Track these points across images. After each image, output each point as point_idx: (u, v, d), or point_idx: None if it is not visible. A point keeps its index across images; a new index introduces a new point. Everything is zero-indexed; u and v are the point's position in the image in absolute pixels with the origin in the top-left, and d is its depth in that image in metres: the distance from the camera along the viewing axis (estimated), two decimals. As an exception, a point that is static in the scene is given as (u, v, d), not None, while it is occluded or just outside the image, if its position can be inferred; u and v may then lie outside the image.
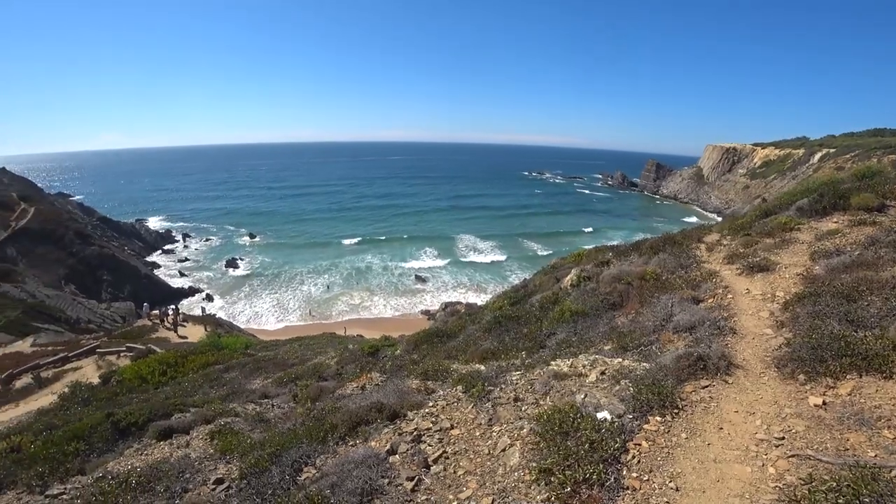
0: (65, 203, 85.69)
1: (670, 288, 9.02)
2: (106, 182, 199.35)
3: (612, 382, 5.52)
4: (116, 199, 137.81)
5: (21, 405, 16.16)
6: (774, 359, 5.52)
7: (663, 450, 4.22)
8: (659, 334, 7.29)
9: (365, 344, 16.35)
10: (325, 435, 5.93)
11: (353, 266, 68.40)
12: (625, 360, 6.29)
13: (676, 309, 7.80)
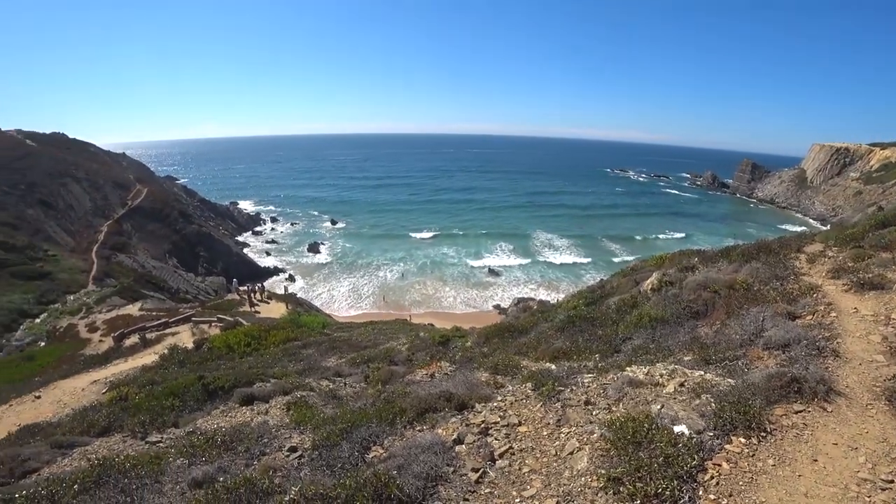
0: (171, 185, 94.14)
1: (762, 300, 8.38)
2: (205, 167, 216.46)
3: (692, 395, 5.24)
4: (214, 183, 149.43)
5: (129, 361, 18.10)
6: (886, 390, 4.95)
7: (746, 474, 3.94)
8: (747, 349, 6.81)
9: (436, 333, 16.64)
10: (394, 418, 6.12)
11: (428, 256, 69.64)
12: (707, 374, 5.94)
13: (768, 324, 7.23)
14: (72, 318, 32.32)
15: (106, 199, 68.11)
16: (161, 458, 6.09)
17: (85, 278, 43.03)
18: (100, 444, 7.88)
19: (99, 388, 13.72)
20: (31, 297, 37.28)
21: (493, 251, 72.45)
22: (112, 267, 47.01)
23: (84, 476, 5.46)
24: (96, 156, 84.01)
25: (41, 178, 61.54)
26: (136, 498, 4.93)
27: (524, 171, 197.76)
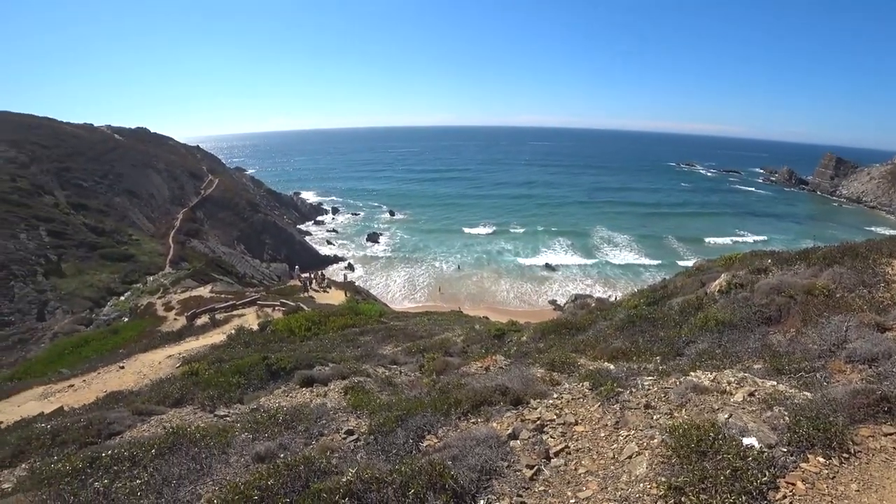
0: (240, 176, 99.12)
1: (846, 308, 7.74)
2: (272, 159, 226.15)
3: (763, 407, 4.92)
4: (279, 174, 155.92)
5: (200, 339, 19.32)
6: None
7: (825, 497, 3.62)
8: (826, 361, 6.32)
9: (491, 326, 16.60)
10: (449, 409, 6.15)
11: (485, 250, 69.59)
12: (780, 385, 5.56)
13: (853, 334, 6.67)
14: (151, 297, 34.88)
15: (182, 188, 72.76)
16: (228, 431, 6.44)
17: (163, 261, 46.28)
18: (173, 414, 8.47)
19: (173, 362, 14.76)
20: (117, 277, 40.58)
21: (550, 247, 71.32)
22: (186, 251, 50.24)
23: (160, 442, 5.88)
24: (174, 148, 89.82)
25: (127, 169, 66.56)
26: (205, 466, 5.25)
27: (586, 165, 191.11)
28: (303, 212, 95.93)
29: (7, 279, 34.44)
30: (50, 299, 35.27)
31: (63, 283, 37.62)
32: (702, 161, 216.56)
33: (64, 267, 39.77)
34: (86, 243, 44.27)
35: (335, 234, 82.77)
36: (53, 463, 5.80)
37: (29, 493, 5.00)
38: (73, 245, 43.15)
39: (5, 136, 59.21)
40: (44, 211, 45.92)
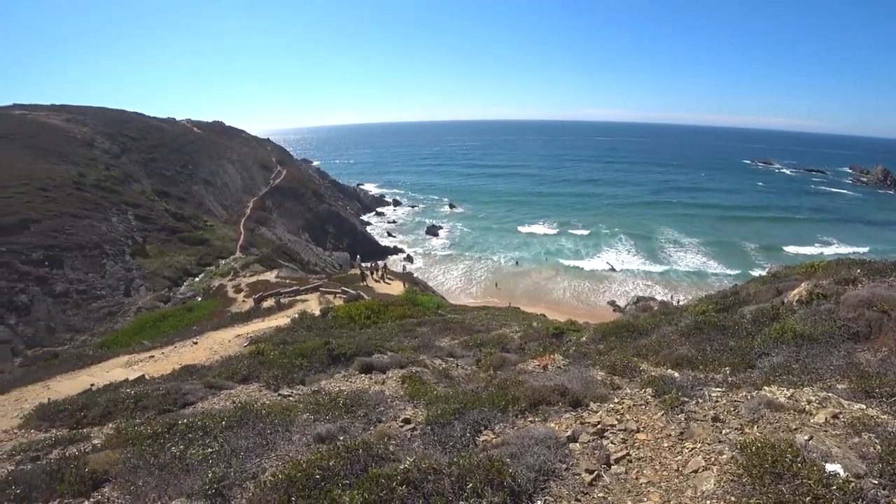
0: (307, 167, 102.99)
1: (952, 329, 6.97)
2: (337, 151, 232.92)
3: (849, 432, 4.52)
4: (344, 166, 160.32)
5: (266, 321, 20.29)
6: None
7: (919, 540, 3.27)
8: (926, 386, 5.72)
9: (549, 324, 16.35)
10: (507, 405, 6.12)
11: (544, 247, 68.58)
12: (869, 409, 5.10)
13: (960, 358, 6.00)
14: (222, 279, 37.05)
15: (253, 178, 76.62)
16: (291, 410, 6.73)
17: (234, 246, 49.01)
18: (241, 390, 8.96)
19: (241, 341, 15.60)
20: (193, 259, 43.42)
21: (612, 246, 69.05)
22: (255, 238, 52.92)
23: (229, 415, 6.24)
24: (247, 141, 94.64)
25: (204, 160, 70.98)
26: (270, 441, 5.51)
27: (652, 162, 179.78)
28: (365, 203, 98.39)
29: (100, 257, 37.66)
30: (135, 277, 38.26)
31: (147, 263, 40.71)
32: (780, 158, 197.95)
33: (148, 248, 43.02)
34: (167, 227, 47.71)
35: (395, 226, 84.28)
36: (137, 426, 6.30)
37: (116, 451, 5.45)
38: (156, 229, 46.61)
39: (102, 129, 64.67)
40: (132, 197, 49.92)
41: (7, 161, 46.53)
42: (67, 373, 13.46)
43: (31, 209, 38.10)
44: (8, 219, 35.57)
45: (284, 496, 3.86)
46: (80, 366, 14.44)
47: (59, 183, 44.85)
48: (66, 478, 4.90)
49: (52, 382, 12.18)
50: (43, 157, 51.12)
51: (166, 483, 4.60)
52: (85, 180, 47.70)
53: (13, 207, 37.22)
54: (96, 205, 44.09)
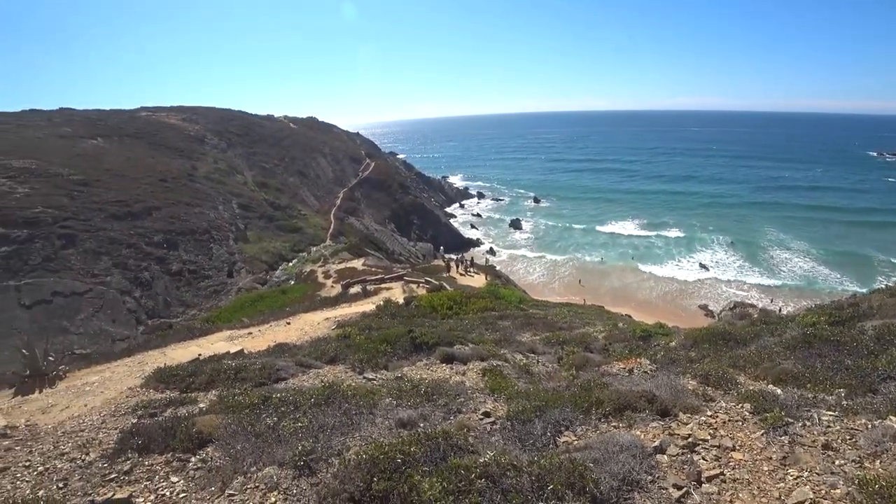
0: (393, 160, 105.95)
1: None
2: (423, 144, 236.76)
3: None
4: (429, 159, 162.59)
5: (352, 306, 21.17)
6: None
7: None
8: None
9: (636, 326, 15.57)
10: (590, 407, 5.87)
11: (632, 245, 65.35)
12: None
13: None
14: (313, 265, 39.25)
15: (343, 170, 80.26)
16: (374, 393, 6.92)
17: (324, 234, 51.73)
18: (328, 370, 9.39)
19: (329, 324, 16.40)
20: (287, 246, 46.44)
21: (708, 248, 63.48)
22: (344, 227, 55.43)
23: (317, 393, 6.54)
24: (338, 135, 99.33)
25: (299, 153, 75.49)
26: (354, 422, 5.70)
27: (759, 156, 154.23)
28: (449, 195, 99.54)
29: (208, 242, 41.38)
30: (237, 260, 41.62)
31: (247, 248, 44.15)
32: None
33: (248, 234, 46.63)
34: (265, 216, 51.47)
35: (479, 219, 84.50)
36: (236, 395, 6.81)
37: (218, 416, 5.93)
38: (256, 216, 50.44)
39: (212, 127, 71.17)
40: (236, 188, 54.44)
41: (136, 157, 52.54)
42: (180, 342, 14.91)
43: (154, 198, 42.77)
44: (136, 206, 40.21)
45: (367, 476, 3.95)
46: (189, 337, 15.95)
47: (175, 175, 50.03)
48: (177, 434, 5.41)
49: (168, 350, 13.54)
50: (163, 152, 57.10)
51: (261, 450, 4.90)
52: (197, 173, 52.84)
53: (140, 197, 41.97)
54: (206, 195, 48.56)
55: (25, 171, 39.84)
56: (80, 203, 37.64)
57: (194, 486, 4.52)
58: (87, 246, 33.76)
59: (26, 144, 46.76)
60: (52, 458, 5.51)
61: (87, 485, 4.71)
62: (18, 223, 32.61)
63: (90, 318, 29.43)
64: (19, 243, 31.32)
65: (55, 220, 34.29)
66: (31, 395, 9.47)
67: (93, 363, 12.13)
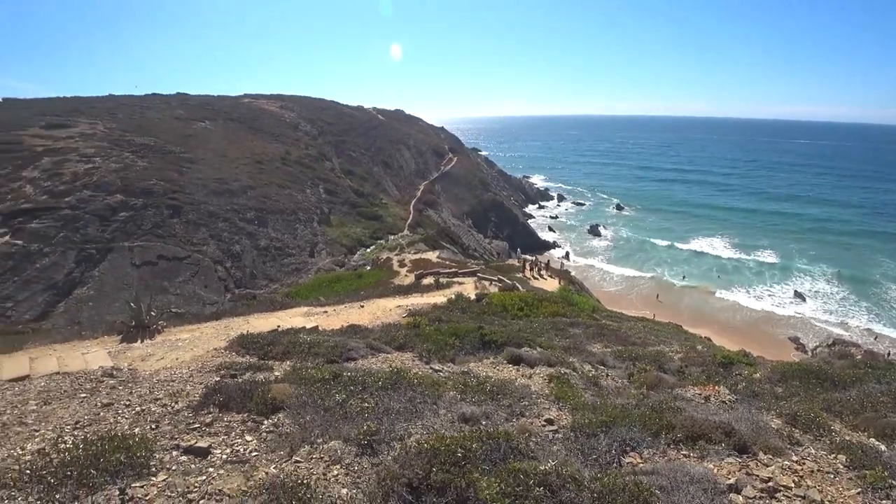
0: (476, 156, 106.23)
1: None
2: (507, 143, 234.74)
3: None
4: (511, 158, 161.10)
5: (424, 297, 21.49)
6: None
7: None
8: None
9: (717, 350, 14.51)
10: (660, 431, 5.52)
11: (719, 264, 60.94)
12: None
13: None
14: (389, 253, 40.30)
15: (426, 163, 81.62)
16: (440, 385, 6.95)
17: (402, 224, 52.97)
18: (396, 356, 9.58)
19: (401, 311, 16.74)
20: (367, 232, 48.07)
21: (806, 275, 57.39)
22: (422, 218, 56.41)
23: (385, 377, 6.67)
24: (423, 129, 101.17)
25: (384, 144, 77.82)
26: (418, 410, 5.74)
27: (883, 177, 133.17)
28: (529, 195, 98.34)
29: (294, 222, 43.79)
30: (319, 242, 43.70)
31: (329, 231, 46.24)
32: None
33: (332, 218, 48.81)
34: (349, 202, 53.62)
35: (557, 221, 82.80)
36: (309, 368, 7.12)
37: (291, 385, 6.22)
38: (340, 202, 52.67)
39: (305, 115, 75.28)
40: (324, 173, 57.15)
41: (238, 139, 56.83)
42: (262, 313, 15.89)
43: (250, 178, 46.03)
44: (234, 184, 43.47)
45: (427, 465, 3.96)
46: (270, 308, 16.95)
47: (270, 158, 53.50)
48: (254, 398, 5.73)
49: (251, 318, 14.49)
50: (261, 137, 61.26)
51: (328, 424, 5.07)
52: (289, 157, 56.07)
53: (239, 176, 45.35)
54: (296, 178, 51.41)
55: (145, 147, 44.46)
56: (186, 178, 41.33)
57: (265, 447, 4.77)
58: (190, 217, 36.96)
59: (148, 124, 52.14)
60: (148, 402, 6.07)
61: (174, 430, 5.11)
62: (136, 192, 36.44)
63: (187, 281, 32.21)
64: (136, 210, 34.97)
65: (165, 192, 37.89)
66: (134, 344, 10.53)
67: (185, 322, 13.25)
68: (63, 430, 5.18)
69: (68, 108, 54.40)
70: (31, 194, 33.97)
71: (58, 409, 5.89)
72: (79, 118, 48.25)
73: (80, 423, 5.42)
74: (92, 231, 32.18)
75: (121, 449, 4.20)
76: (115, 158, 40.40)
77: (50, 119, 46.02)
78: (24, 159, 37.62)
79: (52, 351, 9.91)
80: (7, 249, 28.96)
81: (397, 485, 3.84)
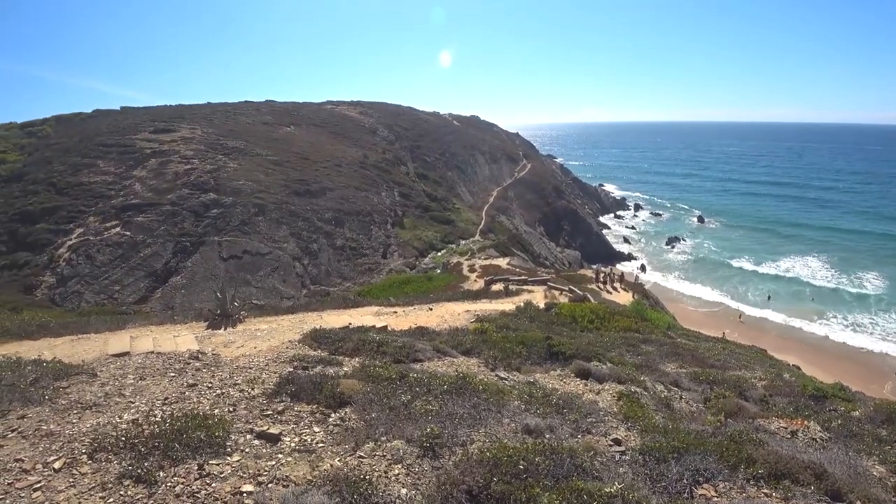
0: (550, 163, 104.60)
1: None
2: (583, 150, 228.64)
3: None
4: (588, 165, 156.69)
5: (492, 303, 21.31)
6: None
7: None
8: None
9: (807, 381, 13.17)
10: (738, 464, 5.08)
11: (811, 287, 55.44)
12: None
13: None
14: (460, 257, 40.52)
15: (500, 169, 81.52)
16: (504, 393, 6.84)
17: (474, 229, 53.10)
18: (462, 361, 9.56)
19: (469, 316, 16.71)
20: (438, 236, 48.65)
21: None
22: (495, 224, 56.28)
23: (450, 381, 6.67)
24: (498, 135, 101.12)
25: (459, 150, 78.61)
26: (482, 417, 5.69)
27: None
28: (604, 204, 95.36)
29: (369, 224, 45.26)
30: (391, 244, 44.82)
31: (402, 233, 47.33)
32: None
33: (405, 221, 49.94)
34: (422, 206, 54.62)
35: (633, 232, 79.61)
36: (377, 366, 7.28)
37: (359, 382, 6.38)
38: (413, 206, 53.79)
39: (383, 120, 77.77)
40: (399, 177, 58.69)
41: (320, 143, 59.80)
42: (335, 309, 16.49)
43: (330, 180, 48.22)
44: (314, 186, 45.73)
45: (488, 474, 3.91)
46: (343, 306, 17.55)
47: (349, 161, 55.74)
48: (323, 390, 5.94)
49: (325, 314, 15.06)
50: (342, 141, 64.02)
51: (392, 423, 5.15)
52: (367, 161, 58.11)
53: (319, 178, 47.66)
54: (373, 181, 53.13)
55: (236, 150, 47.98)
56: (271, 179, 44.06)
57: (331, 439, 4.91)
58: (273, 216, 39.32)
59: (239, 129, 56.29)
60: (227, 386, 6.48)
61: (249, 414, 5.41)
62: (227, 191, 39.39)
63: (267, 275, 34.25)
64: (225, 208, 37.77)
65: (252, 191, 40.64)
66: (218, 331, 11.30)
67: (265, 314, 14.03)
68: (154, 405, 5.65)
69: (173, 114, 60.16)
70: (139, 191, 37.78)
71: (151, 385, 6.45)
72: (181, 123, 53.06)
73: (168, 399, 5.88)
74: (188, 226, 35.17)
75: (202, 427, 4.52)
76: (210, 160, 43.96)
77: (157, 124, 50.96)
78: (135, 160, 42.01)
79: (149, 332, 10.86)
80: (118, 240, 32.42)
81: (457, 491, 3.82)
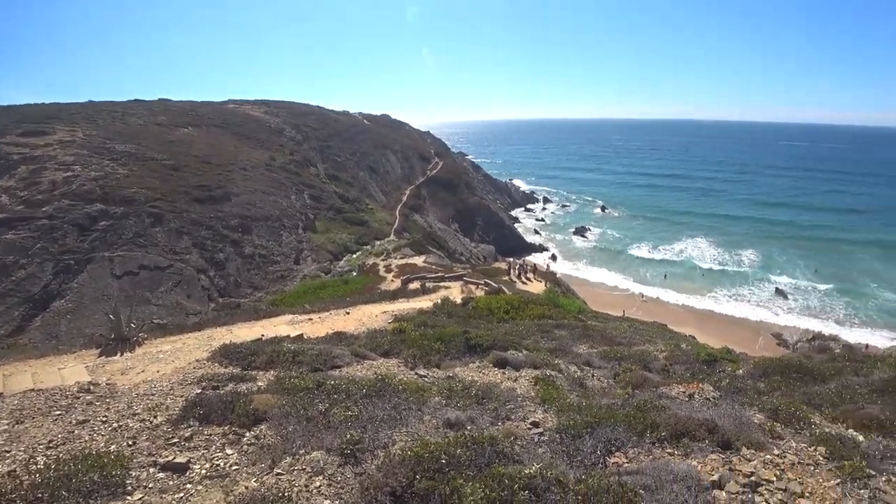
0: (462, 160, 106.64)
1: None
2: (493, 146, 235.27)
3: None
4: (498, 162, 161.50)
5: (410, 301, 21.42)
6: None
7: None
8: None
9: (700, 348, 14.68)
10: (644, 430, 5.54)
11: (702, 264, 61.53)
12: None
13: None
14: (376, 258, 40.13)
15: (412, 168, 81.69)
16: (424, 391, 6.91)
17: (389, 229, 52.82)
18: (381, 363, 9.52)
19: (387, 317, 16.66)
20: (352, 238, 47.81)
21: (787, 273, 57.65)
22: (409, 223, 56.37)
23: (369, 385, 6.62)
24: (409, 134, 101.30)
25: (370, 149, 77.72)
26: (403, 417, 5.70)
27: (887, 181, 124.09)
28: (515, 198, 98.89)
29: (279, 229, 43.43)
30: (304, 248, 43.39)
31: (314, 237, 45.93)
32: None
33: (317, 224, 48.49)
34: (334, 207, 53.31)
35: (543, 224, 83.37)
36: (293, 378, 7.03)
37: (274, 396, 6.14)
38: (325, 208, 52.36)
39: (290, 120, 74.83)
40: (309, 179, 56.79)
41: (222, 145, 56.25)
42: (246, 322, 15.69)
43: (234, 185, 45.55)
44: (217, 191, 42.97)
45: (410, 473, 3.93)
46: (255, 317, 16.74)
47: (255, 164, 53.01)
48: (235, 409, 5.65)
49: (234, 328, 14.29)
50: (246, 142, 60.71)
51: (310, 434, 5.01)
52: (274, 163, 55.64)
53: (222, 183, 44.85)
54: (281, 184, 50.99)
55: (126, 154, 43.74)
56: (169, 186, 40.73)
57: (246, 460, 4.69)
58: (172, 225, 36.45)
59: (129, 131, 51.33)
60: (125, 417, 5.94)
61: (152, 445, 5.01)
62: (117, 201, 35.83)
63: (169, 291, 31.73)
64: (116, 219, 34.36)
65: (147, 200, 37.32)
66: (114, 357, 10.31)
67: (167, 333, 13.02)
68: (35, 451, 5.04)
69: (47, 114, 53.25)
70: (6, 204, 33.24)
71: (30, 429, 5.72)
72: (57, 125, 47.32)
73: (53, 441, 5.28)
74: (70, 241, 31.56)
75: (95, 468, 4.10)
76: (95, 166, 39.69)
77: (27, 126, 45.08)
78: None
79: (28, 367, 9.65)
80: (-19, 262, 28.34)
81: (380, 494, 3.81)
